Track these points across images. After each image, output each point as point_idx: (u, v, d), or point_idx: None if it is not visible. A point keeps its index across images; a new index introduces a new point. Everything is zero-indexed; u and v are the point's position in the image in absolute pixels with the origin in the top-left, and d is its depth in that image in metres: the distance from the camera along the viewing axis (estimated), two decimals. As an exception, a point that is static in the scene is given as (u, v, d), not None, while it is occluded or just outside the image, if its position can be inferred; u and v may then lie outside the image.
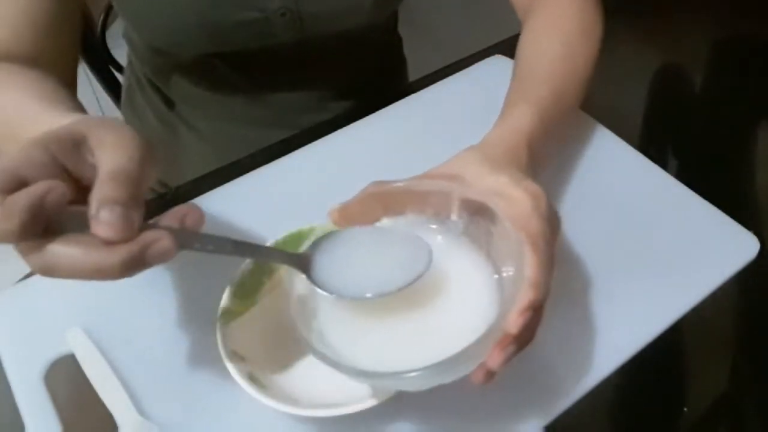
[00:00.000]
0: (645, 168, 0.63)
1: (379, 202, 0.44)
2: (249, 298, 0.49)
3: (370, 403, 0.42)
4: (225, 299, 0.47)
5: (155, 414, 0.46)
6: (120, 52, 0.92)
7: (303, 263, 0.43)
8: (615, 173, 0.62)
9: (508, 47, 0.65)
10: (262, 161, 0.63)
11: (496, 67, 0.71)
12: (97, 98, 1.73)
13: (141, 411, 0.46)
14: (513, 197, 0.42)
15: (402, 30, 0.88)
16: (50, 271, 0.33)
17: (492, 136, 0.50)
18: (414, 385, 0.39)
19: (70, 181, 0.35)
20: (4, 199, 0.32)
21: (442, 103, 0.69)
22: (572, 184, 0.61)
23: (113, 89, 0.93)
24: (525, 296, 0.38)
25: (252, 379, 0.44)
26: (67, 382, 0.48)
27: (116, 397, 0.46)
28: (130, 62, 0.81)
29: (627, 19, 0.89)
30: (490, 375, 0.39)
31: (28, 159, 0.34)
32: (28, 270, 0.56)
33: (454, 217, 0.44)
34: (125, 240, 0.33)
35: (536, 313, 0.39)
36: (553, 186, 0.60)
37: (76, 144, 0.35)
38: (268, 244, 0.47)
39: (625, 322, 0.51)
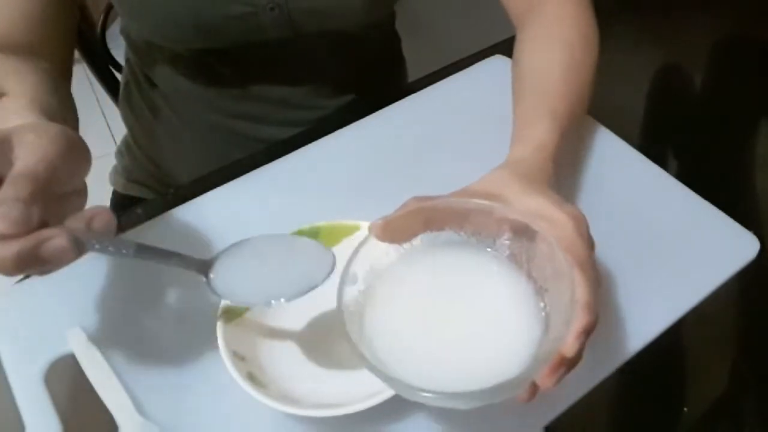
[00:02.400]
0: (645, 168, 0.63)
1: (419, 217, 0.44)
2: (249, 298, 0.49)
3: (370, 403, 0.42)
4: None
5: (155, 414, 0.46)
6: (120, 52, 0.92)
7: (204, 268, 0.44)
8: (615, 173, 0.62)
9: (508, 47, 0.65)
10: (261, 161, 0.63)
11: (496, 67, 0.71)
12: (97, 98, 1.73)
13: (141, 411, 0.46)
14: (556, 220, 0.43)
15: (401, 30, 0.88)
16: None
17: (519, 154, 0.51)
18: (467, 404, 0.39)
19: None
20: None
21: (441, 104, 0.69)
22: (572, 184, 0.61)
23: (113, 89, 0.93)
24: (581, 320, 0.39)
25: (252, 379, 0.44)
26: (67, 382, 0.48)
27: (116, 397, 0.46)
28: (127, 59, 0.81)
29: (627, 19, 0.89)
30: (535, 393, 0.40)
31: None
32: (28, 270, 0.56)
33: (495, 236, 0.45)
34: (24, 231, 0.34)
35: (588, 336, 0.39)
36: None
37: (2, 149, 0.37)
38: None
39: (625, 322, 0.51)
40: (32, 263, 0.35)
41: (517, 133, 0.54)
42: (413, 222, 0.44)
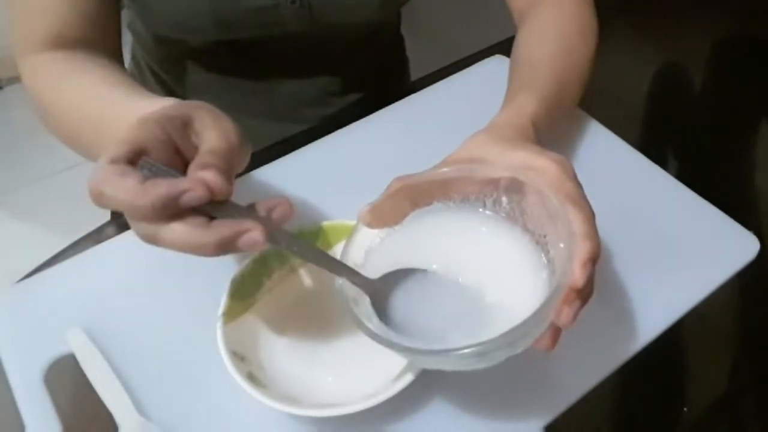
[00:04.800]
0: (645, 168, 0.63)
1: (405, 197, 0.45)
2: (249, 298, 0.49)
3: (370, 403, 0.42)
4: (225, 299, 0.47)
5: (155, 414, 0.46)
6: (122, 51, 0.91)
7: (373, 290, 0.42)
8: (615, 173, 0.62)
9: (508, 47, 0.65)
10: (262, 161, 0.63)
11: (496, 67, 0.71)
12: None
13: (141, 411, 0.46)
14: (540, 167, 0.43)
15: (404, 30, 0.88)
16: (154, 241, 0.38)
17: (498, 119, 0.51)
18: (492, 358, 0.38)
19: (178, 157, 0.40)
20: (129, 168, 0.37)
21: (442, 103, 0.69)
22: (572, 184, 0.61)
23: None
24: (582, 249, 0.39)
25: (252, 379, 0.44)
26: (67, 382, 0.49)
27: (116, 397, 0.46)
28: (134, 55, 0.81)
29: (627, 19, 0.90)
30: (556, 338, 0.40)
31: (150, 133, 0.39)
32: (28, 270, 0.56)
33: (484, 198, 0.45)
34: (220, 196, 0.37)
35: (594, 264, 0.40)
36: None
37: (185, 124, 0.41)
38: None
39: (625, 322, 0.51)
40: (228, 250, 0.38)
41: (501, 107, 0.54)
42: (400, 203, 0.45)
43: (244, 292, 0.49)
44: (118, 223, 0.60)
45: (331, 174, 0.62)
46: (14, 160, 1.73)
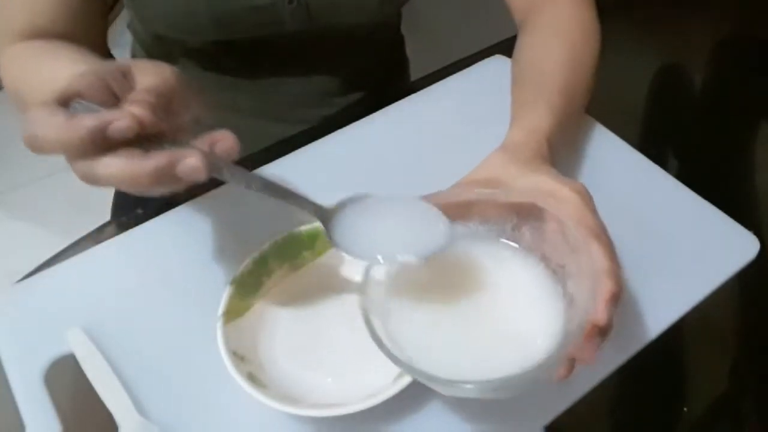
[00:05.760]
0: (645, 168, 0.63)
1: None
2: (249, 298, 0.49)
3: (370, 403, 0.42)
4: (225, 299, 0.47)
5: (155, 414, 0.46)
6: (120, 51, 0.91)
7: (322, 216, 0.43)
8: (615, 173, 0.62)
9: (508, 47, 0.65)
10: (262, 161, 0.63)
11: (496, 67, 0.71)
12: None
13: (141, 411, 0.46)
14: (561, 196, 0.43)
15: (404, 30, 0.88)
16: (92, 178, 0.37)
17: (514, 138, 0.51)
18: (508, 392, 0.39)
19: (116, 104, 0.39)
20: (60, 108, 0.36)
21: (442, 103, 0.69)
22: (572, 184, 0.61)
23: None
24: (606, 287, 0.39)
25: (252, 379, 0.44)
26: (67, 382, 0.48)
27: (116, 397, 0.46)
28: (133, 55, 0.81)
29: (627, 19, 0.89)
30: (572, 369, 0.40)
31: (85, 81, 0.38)
32: (28, 270, 0.56)
33: (502, 223, 0.45)
34: (150, 128, 0.37)
35: (617, 303, 0.40)
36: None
37: (123, 73, 0.40)
38: (268, 242, 0.47)
39: (625, 322, 0.51)
40: (166, 180, 0.37)
41: (512, 120, 0.55)
42: None
43: (244, 292, 0.49)
44: (118, 223, 0.60)
45: (331, 174, 0.62)
46: (14, 160, 1.73)
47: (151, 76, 0.41)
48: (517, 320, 0.42)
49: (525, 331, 0.41)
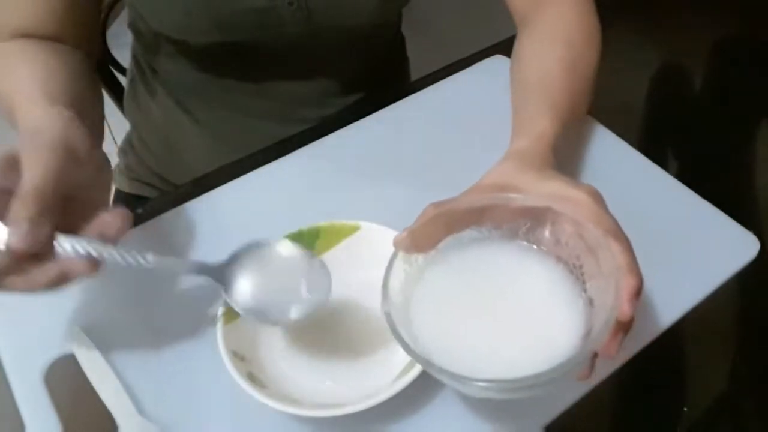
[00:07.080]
0: (645, 168, 0.63)
1: (440, 223, 0.45)
2: (249, 298, 0.49)
3: (370, 403, 0.42)
4: (225, 299, 0.47)
5: (155, 414, 0.46)
6: (119, 52, 0.91)
7: (221, 277, 0.45)
8: (615, 173, 0.62)
9: (508, 47, 0.65)
10: (263, 160, 0.63)
11: (496, 67, 0.71)
12: (97, 98, 1.74)
13: (141, 411, 0.46)
14: (576, 199, 0.44)
15: (404, 30, 0.88)
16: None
17: (521, 145, 0.51)
18: (535, 389, 0.39)
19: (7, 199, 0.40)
20: None
21: (442, 103, 0.69)
22: (572, 184, 0.61)
23: (113, 89, 0.93)
24: (629, 284, 0.40)
25: (252, 379, 0.44)
26: (67, 382, 0.48)
27: (116, 397, 0.46)
28: (134, 54, 0.81)
29: (627, 18, 0.89)
30: (593, 366, 0.41)
31: None
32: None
33: (515, 227, 0.45)
34: (36, 247, 0.39)
35: (639, 298, 0.41)
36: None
37: (11, 166, 0.41)
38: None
39: (625, 322, 0.51)
40: (60, 286, 0.41)
41: (517, 125, 0.55)
42: (435, 228, 0.45)
43: (244, 292, 0.49)
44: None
45: (331, 174, 0.62)
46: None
47: (30, 168, 0.41)
48: (540, 320, 0.42)
49: (548, 330, 0.41)
